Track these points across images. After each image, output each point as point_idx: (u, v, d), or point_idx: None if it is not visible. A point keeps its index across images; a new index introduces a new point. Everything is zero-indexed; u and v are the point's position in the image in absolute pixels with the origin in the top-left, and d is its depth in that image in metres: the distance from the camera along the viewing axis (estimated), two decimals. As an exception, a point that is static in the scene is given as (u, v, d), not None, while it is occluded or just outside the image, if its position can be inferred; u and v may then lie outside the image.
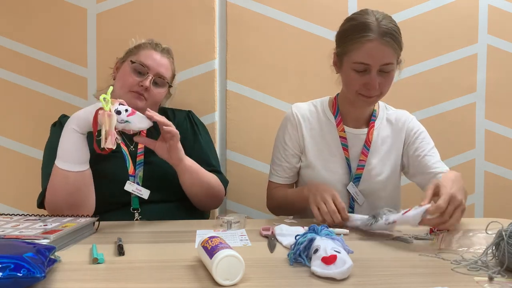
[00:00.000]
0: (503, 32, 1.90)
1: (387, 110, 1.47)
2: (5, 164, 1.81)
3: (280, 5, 1.84)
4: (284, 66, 1.85)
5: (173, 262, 0.88)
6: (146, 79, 1.39)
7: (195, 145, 1.49)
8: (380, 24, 1.22)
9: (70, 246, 0.99)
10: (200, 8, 1.82)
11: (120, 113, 1.13)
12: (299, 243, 0.86)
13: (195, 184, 1.35)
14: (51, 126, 1.47)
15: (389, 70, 1.26)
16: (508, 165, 1.92)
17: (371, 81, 1.25)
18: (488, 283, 0.75)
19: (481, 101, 1.91)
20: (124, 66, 1.45)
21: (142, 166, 1.38)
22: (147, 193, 1.34)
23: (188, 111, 1.60)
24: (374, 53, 1.22)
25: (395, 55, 1.26)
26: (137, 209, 1.35)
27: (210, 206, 1.51)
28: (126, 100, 1.27)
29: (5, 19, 1.79)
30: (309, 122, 1.42)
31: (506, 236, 0.80)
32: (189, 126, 1.54)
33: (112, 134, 1.10)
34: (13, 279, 0.67)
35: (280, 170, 1.44)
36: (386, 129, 1.43)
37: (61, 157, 1.18)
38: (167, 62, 1.47)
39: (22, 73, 1.80)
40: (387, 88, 1.30)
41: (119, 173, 1.35)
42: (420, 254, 0.93)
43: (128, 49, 1.49)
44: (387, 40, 1.22)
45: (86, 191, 1.23)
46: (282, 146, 1.44)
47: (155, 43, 1.49)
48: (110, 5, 1.81)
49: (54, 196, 1.21)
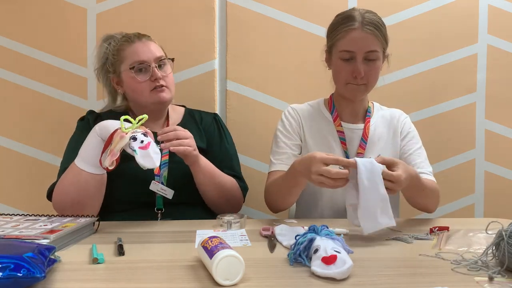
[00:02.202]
0: (503, 32, 1.90)
1: (382, 109, 1.51)
2: (5, 164, 1.81)
3: (280, 5, 1.84)
4: (284, 66, 1.85)
5: (173, 262, 0.88)
6: (153, 72, 1.37)
7: (221, 149, 1.50)
8: (364, 15, 1.31)
9: (70, 246, 0.99)
10: (200, 8, 1.82)
11: (135, 140, 1.10)
12: (299, 243, 0.86)
13: (207, 184, 1.36)
14: (78, 121, 1.47)
15: (374, 58, 1.31)
16: (508, 165, 1.92)
17: (356, 68, 1.30)
18: (488, 283, 0.75)
19: (481, 101, 1.91)
20: (124, 77, 1.40)
21: (167, 166, 1.38)
22: (171, 193, 1.34)
23: (215, 114, 1.61)
24: (357, 40, 1.30)
25: (379, 44, 1.32)
26: (161, 209, 1.35)
27: (226, 210, 1.44)
28: (153, 101, 1.32)
29: (5, 19, 1.79)
30: (308, 120, 1.45)
31: (506, 236, 0.80)
32: (216, 129, 1.54)
33: (113, 154, 1.09)
34: (13, 279, 0.67)
35: (284, 158, 1.39)
36: (381, 125, 1.46)
37: (80, 155, 1.20)
38: (152, 44, 1.42)
39: (22, 73, 1.80)
40: (373, 77, 1.34)
41: (143, 173, 1.34)
42: (420, 254, 0.93)
43: (111, 61, 1.42)
44: (370, 28, 1.29)
45: (93, 195, 1.23)
46: (285, 135, 1.43)
47: (128, 37, 1.42)
48: (110, 5, 1.81)
49: (62, 190, 1.23)
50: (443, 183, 1.87)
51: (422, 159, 1.41)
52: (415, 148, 1.43)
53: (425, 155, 1.44)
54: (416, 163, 1.38)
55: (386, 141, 1.44)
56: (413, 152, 1.42)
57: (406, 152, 1.42)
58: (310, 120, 1.46)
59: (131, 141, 1.10)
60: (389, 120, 1.47)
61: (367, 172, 1.03)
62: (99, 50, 1.47)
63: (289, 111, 1.48)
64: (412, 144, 1.44)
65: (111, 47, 1.43)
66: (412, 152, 1.42)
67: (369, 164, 1.04)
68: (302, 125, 1.45)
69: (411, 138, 1.45)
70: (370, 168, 1.04)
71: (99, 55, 1.46)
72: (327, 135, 1.43)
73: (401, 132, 1.46)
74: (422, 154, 1.43)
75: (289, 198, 1.33)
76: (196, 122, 1.52)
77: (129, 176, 1.31)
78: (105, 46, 1.44)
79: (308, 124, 1.45)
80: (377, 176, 1.04)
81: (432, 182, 1.36)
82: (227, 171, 1.43)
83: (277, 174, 1.36)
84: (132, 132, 1.11)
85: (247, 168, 1.85)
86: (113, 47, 1.42)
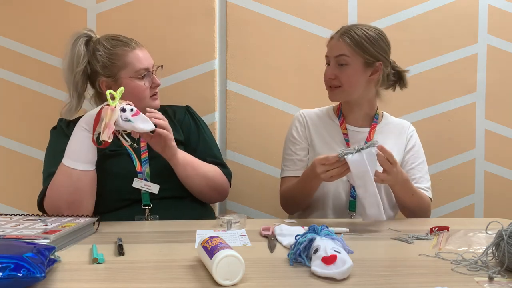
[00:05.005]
0: (503, 32, 1.90)
1: (391, 119, 1.56)
2: (5, 164, 1.81)
3: (280, 5, 1.84)
4: (284, 66, 1.85)
5: (173, 262, 0.88)
6: (154, 79, 1.41)
7: (199, 139, 1.51)
8: (345, 28, 1.41)
9: (70, 246, 0.99)
10: (200, 8, 1.82)
11: (125, 111, 1.14)
12: (299, 243, 0.86)
13: (190, 176, 1.36)
14: (50, 130, 1.46)
15: (344, 62, 1.38)
16: (508, 165, 1.92)
17: (326, 71, 1.43)
18: (488, 283, 0.75)
19: (481, 101, 1.91)
20: (127, 82, 1.36)
21: (147, 162, 1.38)
22: (157, 187, 1.35)
23: (186, 106, 1.60)
24: (331, 47, 1.43)
25: (351, 51, 1.37)
26: (148, 205, 1.35)
27: (215, 198, 1.51)
28: (149, 107, 1.32)
29: (5, 19, 1.79)
30: (316, 123, 1.52)
31: (506, 236, 0.80)
32: (191, 121, 1.55)
33: (110, 127, 1.11)
34: (13, 279, 0.67)
35: (291, 164, 1.49)
36: (387, 132, 1.49)
37: (67, 154, 1.20)
38: (145, 51, 1.43)
39: (22, 73, 1.80)
40: (345, 80, 1.39)
41: (127, 171, 1.35)
42: (420, 254, 0.93)
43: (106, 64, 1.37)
44: (344, 38, 1.38)
45: (86, 192, 1.23)
46: (291, 141, 1.51)
47: (127, 43, 1.39)
48: (110, 5, 1.80)
49: (55, 193, 1.22)
50: (443, 183, 1.88)
51: (422, 173, 1.46)
52: (417, 163, 1.47)
53: (426, 170, 1.48)
54: (415, 178, 1.44)
55: (390, 147, 1.42)
56: (415, 166, 1.46)
57: (408, 165, 1.46)
58: (317, 124, 1.51)
59: (122, 113, 1.14)
60: (397, 128, 1.51)
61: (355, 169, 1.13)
62: (74, 50, 1.38)
63: (297, 116, 1.55)
64: (415, 158, 1.48)
65: (102, 50, 1.37)
66: (414, 166, 1.46)
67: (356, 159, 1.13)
68: (309, 128, 1.51)
69: (415, 152, 1.49)
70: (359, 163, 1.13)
71: (78, 56, 1.37)
72: (332, 137, 1.48)
73: (407, 144, 1.49)
74: (423, 169, 1.47)
75: (307, 199, 1.41)
76: (170, 117, 1.51)
77: (113, 175, 1.32)
78: (85, 48, 1.38)
79: (315, 127, 1.51)
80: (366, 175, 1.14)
81: (424, 196, 1.40)
82: (210, 159, 1.45)
83: (287, 180, 1.47)
84: (119, 104, 1.14)
85: (247, 168, 1.85)
86: (107, 50, 1.37)
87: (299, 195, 1.40)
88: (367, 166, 1.13)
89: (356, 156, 1.13)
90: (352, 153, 1.13)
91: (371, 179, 1.15)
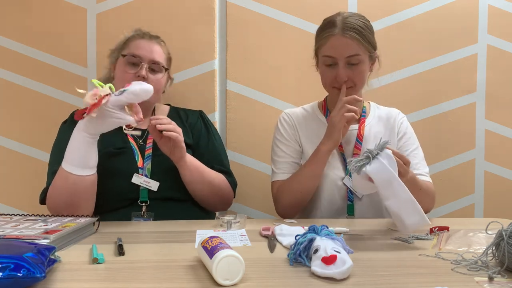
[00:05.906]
0: (503, 32, 1.90)
1: (378, 109, 1.51)
2: (5, 164, 1.81)
3: (280, 5, 1.85)
4: (284, 66, 1.86)
5: (173, 262, 0.88)
6: (141, 69, 1.39)
7: (209, 145, 1.51)
8: (345, 21, 1.31)
9: (70, 246, 0.99)
10: (200, 8, 1.82)
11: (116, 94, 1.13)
12: (299, 243, 0.86)
13: (196, 181, 1.36)
14: (61, 124, 1.48)
15: (356, 62, 1.31)
16: (508, 165, 1.92)
17: (338, 74, 1.32)
18: (488, 283, 0.75)
19: (481, 101, 1.91)
20: (118, 63, 1.45)
21: (150, 159, 1.39)
22: (156, 185, 1.35)
23: (200, 111, 1.62)
24: (338, 46, 1.30)
25: (361, 47, 1.31)
26: (145, 201, 1.35)
27: (217, 207, 1.50)
28: None
29: (5, 19, 1.79)
30: (302, 124, 1.46)
31: (506, 236, 0.80)
32: (202, 126, 1.55)
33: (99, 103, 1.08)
34: (13, 279, 0.67)
35: (284, 167, 1.42)
36: (377, 125, 1.46)
37: (66, 157, 1.19)
38: (158, 47, 1.46)
39: (22, 73, 1.80)
40: (359, 79, 1.33)
41: (128, 168, 1.35)
42: (420, 254, 0.93)
43: (117, 46, 1.49)
44: (349, 33, 1.29)
45: (84, 196, 1.22)
46: (283, 143, 1.45)
47: (142, 32, 1.49)
48: (110, 5, 1.81)
49: (54, 194, 1.23)
50: (443, 183, 1.88)
51: (419, 159, 1.41)
52: (411, 149, 1.43)
53: (422, 156, 1.44)
54: (412, 164, 1.36)
55: None
56: (409, 153, 1.41)
57: (402, 153, 1.39)
58: (305, 124, 1.46)
59: (113, 95, 1.12)
60: (386, 119, 1.47)
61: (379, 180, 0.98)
62: None
63: (283, 117, 1.49)
64: (409, 144, 1.43)
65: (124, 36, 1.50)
66: (408, 153, 1.41)
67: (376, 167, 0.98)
68: (297, 129, 1.45)
69: (407, 138, 1.45)
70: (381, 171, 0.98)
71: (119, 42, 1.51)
72: (319, 138, 1.37)
73: (398, 132, 1.45)
74: (418, 154, 1.43)
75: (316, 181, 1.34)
76: (181, 119, 1.53)
77: (114, 173, 1.32)
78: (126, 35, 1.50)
79: (303, 128, 1.45)
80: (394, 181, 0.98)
81: (429, 184, 1.37)
82: (218, 167, 1.45)
83: (279, 184, 1.39)
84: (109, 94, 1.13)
85: (247, 168, 1.85)
86: (127, 37, 1.48)
87: (305, 181, 1.33)
88: (391, 172, 0.97)
89: (375, 164, 0.97)
90: (369, 163, 0.98)
91: (400, 183, 0.98)
